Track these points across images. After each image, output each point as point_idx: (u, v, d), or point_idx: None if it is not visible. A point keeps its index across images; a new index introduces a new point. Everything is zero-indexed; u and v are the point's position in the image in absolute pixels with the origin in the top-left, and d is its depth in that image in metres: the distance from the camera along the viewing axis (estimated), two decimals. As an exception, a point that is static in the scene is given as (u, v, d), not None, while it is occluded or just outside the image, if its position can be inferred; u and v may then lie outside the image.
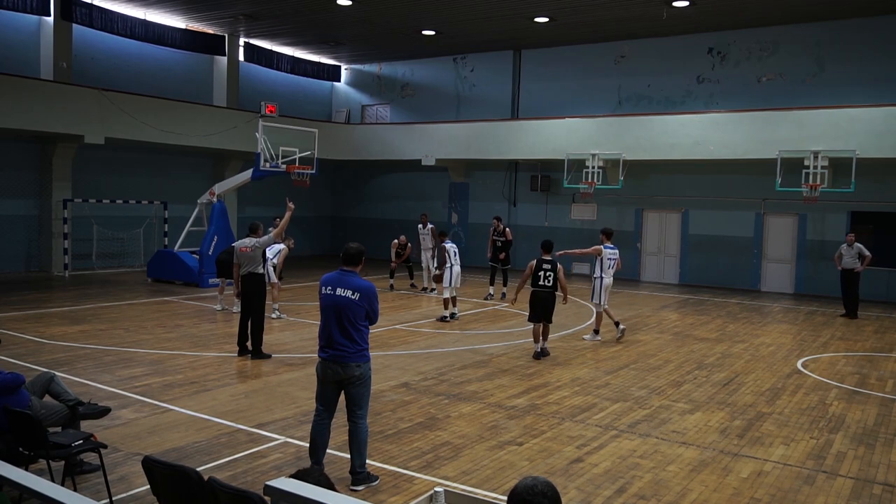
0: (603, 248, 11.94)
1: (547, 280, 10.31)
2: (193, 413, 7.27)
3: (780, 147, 17.13)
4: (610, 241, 12.14)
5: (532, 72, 22.97)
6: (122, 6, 19.68)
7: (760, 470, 6.14)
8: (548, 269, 10.32)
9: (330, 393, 5.65)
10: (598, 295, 11.81)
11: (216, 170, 22.02)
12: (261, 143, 16.16)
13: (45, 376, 5.84)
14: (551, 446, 6.59)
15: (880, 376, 9.83)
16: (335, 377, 5.55)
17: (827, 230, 18.47)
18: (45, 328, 11.34)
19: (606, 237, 12.15)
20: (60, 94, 17.26)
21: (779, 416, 7.76)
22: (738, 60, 19.64)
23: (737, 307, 16.28)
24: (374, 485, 5.54)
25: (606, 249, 11.95)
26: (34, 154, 18.47)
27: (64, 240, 18.21)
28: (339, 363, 5.50)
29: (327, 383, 5.62)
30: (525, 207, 23.01)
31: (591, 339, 11.80)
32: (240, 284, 10.03)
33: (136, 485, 5.32)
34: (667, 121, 19.13)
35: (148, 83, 20.43)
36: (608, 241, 12.11)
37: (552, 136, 20.63)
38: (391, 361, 9.79)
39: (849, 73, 18.09)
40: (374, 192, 26.16)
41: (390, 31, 21.16)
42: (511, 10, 18.44)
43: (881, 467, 6.31)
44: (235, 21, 20.85)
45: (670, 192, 20.44)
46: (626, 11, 18.11)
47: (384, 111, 26.16)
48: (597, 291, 11.84)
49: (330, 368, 5.54)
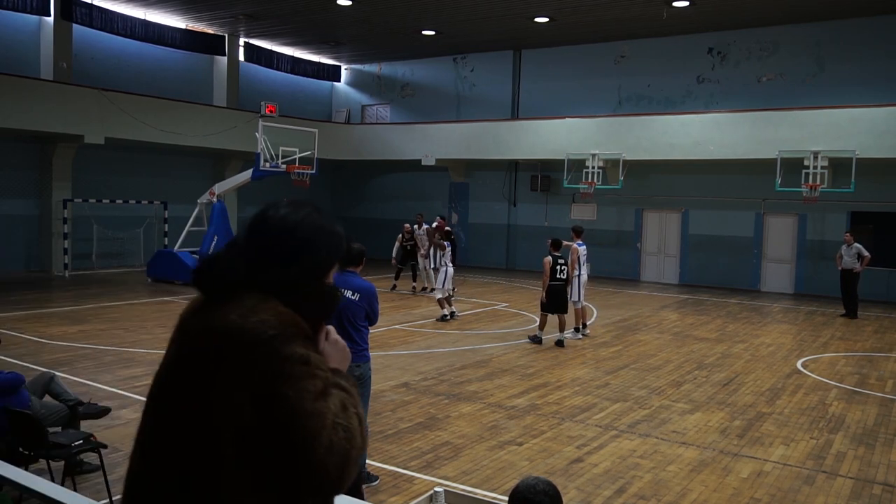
0: (576, 245, 12.02)
1: (562, 273, 11.26)
2: (193, 413, 7.26)
3: (780, 147, 17.13)
4: (580, 239, 12.24)
5: (532, 72, 22.97)
6: (122, 6, 19.68)
7: (760, 470, 6.14)
8: (562, 264, 11.29)
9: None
10: (577, 292, 11.89)
11: (216, 170, 22.01)
12: (261, 143, 16.16)
13: (45, 376, 5.84)
14: (551, 446, 6.59)
15: (880, 376, 9.83)
16: (335, 377, 5.55)
17: (827, 230, 18.47)
18: (45, 328, 11.34)
19: (577, 235, 12.28)
20: (60, 94, 17.26)
21: (779, 417, 7.76)
22: (738, 60, 19.64)
23: (737, 307, 16.28)
24: (373, 485, 5.54)
25: (580, 247, 12.03)
26: (34, 154, 18.47)
27: (64, 240, 18.21)
28: (339, 363, 5.50)
29: (327, 383, 5.61)
30: (525, 207, 23.01)
31: (574, 337, 11.81)
32: None
33: (136, 485, 5.31)
34: (667, 121, 19.13)
35: (148, 83, 20.42)
36: (578, 238, 12.22)
37: (552, 136, 20.63)
38: (391, 361, 9.79)
39: (849, 73, 18.09)
40: (374, 192, 26.16)
41: (390, 31, 21.16)
42: (511, 10, 18.44)
43: (881, 467, 6.31)
44: (235, 21, 20.85)
45: (670, 192, 20.44)
46: (626, 11, 18.11)
47: (384, 111, 26.17)
48: (575, 289, 11.88)
49: (330, 368, 5.54)
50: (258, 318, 1.52)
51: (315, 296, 1.66)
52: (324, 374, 1.55)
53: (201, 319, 1.59)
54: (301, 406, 1.46)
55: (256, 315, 1.53)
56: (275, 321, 1.53)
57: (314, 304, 1.65)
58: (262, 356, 1.48)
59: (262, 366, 1.48)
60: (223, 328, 1.52)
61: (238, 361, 1.49)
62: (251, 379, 1.47)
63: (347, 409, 1.56)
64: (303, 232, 1.67)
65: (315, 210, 1.73)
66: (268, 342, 1.49)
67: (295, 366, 1.50)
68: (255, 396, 1.46)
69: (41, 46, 18.58)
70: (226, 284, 1.60)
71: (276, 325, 1.52)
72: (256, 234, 1.68)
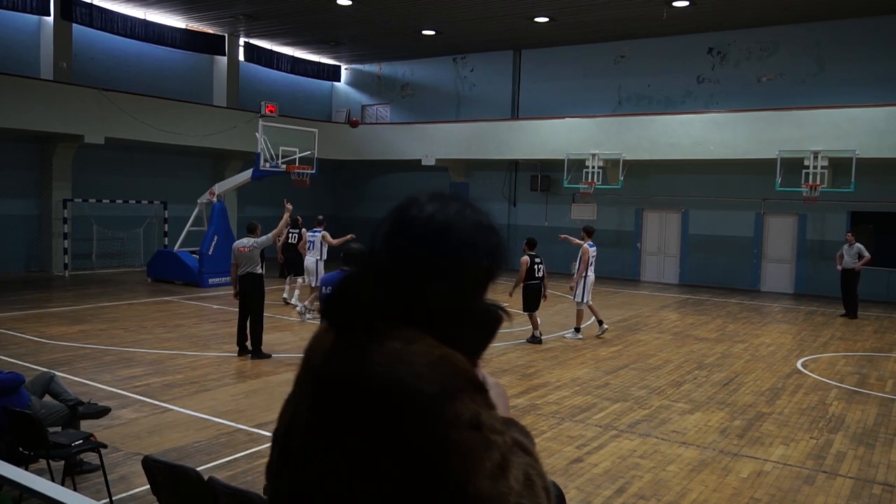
0: (587, 245, 11.98)
1: (539, 273, 11.42)
2: (193, 413, 7.27)
3: (780, 147, 17.13)
4: (591, 239, 12.20)
5: (532, 72, 22.97)
6: (122, 6, 19.68)
7: (760, 470, 6.14)
8: (539, 263, 11.45)
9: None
10: (583, 293, 11.86)
11: (216, 170, 22.01)
12: (261, 143, 16.16)
13: (45, 376, 5.84)
14: (551, 446, 6.59)
15: (880, 376, 9.83)
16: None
17: (827, 230, 18.47)
18: (45, 328, 11.34)
19: (588, 235, 12.22)
20: (60, 94, 17.26)
21: (779, 416, 7.76)
22: (738, 60, 19.64)
23: (737, 307, 16.28)
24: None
25: (591, 248, 12.01)
26: (34, 154, 18.47)
27: (64, 240, 18.21)
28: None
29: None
30: (525, 207, 23.01)
31: (573, 338, 11.80)
32: (237, 284, 9.98)
33: (136, 485, 5.32)
34: (667, 121, 19.13)
35: (148, 83, 20.42)
36: (589, 238, 12.17)
37: (552, 136, 20.64)
38: (391, 361, 9.77)
39: (849, 73, 18.09)
40: (374, 192, 26.15)
41: (390, 31, 21.16)
42: (511, 10, 18.44)
43: (881, 467, 6.31)
44: (235, 21, 20.85)
45: (670, 192, 20.44)
46: (626, 11, 18.11)
47: (384, 111, 26.17)
48: (580, 289, 11.86)
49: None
50: (412, 368, 1.15)
51: (475, 321, 1.29)
52: (500, 440, 1.16)
53: (337, 364, 1.23)
54: (476, 488, 1.10)
55: (408, 363, 1.16)
56: (433, 371, 1.15)
57: (474, 333, 1.28)
58: (419, 422, 1.12)
59: (421, 435, 1.11)
60: (366, 381, 1.16)
61: (387, 428, 1.13)
62: (405, 451, 1.12)
63: (533, 483, 1.18)
64: (459, 234, 1.26)
65: (467, 203, 1.33)
66: (427, 402, 1.13)
67: (464, 432, 1.12)
68: (411, 475, 1.11)
69: (41, 46, 18.58)
70: (363, 317, 1.23)
71: (436, 375, 1.15)
72: (398, 242, 1.27)
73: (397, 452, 1.12)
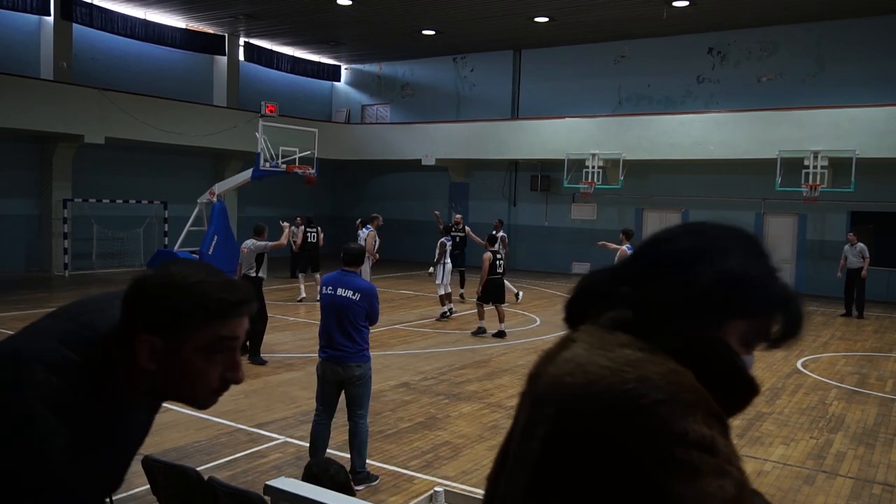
0: (625, 248, 11.81)
1: (500, 268, 12.12)
2: (193, 413, 7.27)
3: (780, 147, 17.13)
4: (629, 242, 12.01)
5: (532, 72, 22.97)
6: (122, 6, 19.68)
7: (760, 470, 6.14)
8: (500, 259, 12.20)
9: (330, 393, 5.65)
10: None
11: (216, 170, 22.01)
12: (261, 143, 16.15)
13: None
14: (551, 446, 6.58)
15: (880, 376, 9.83)
16: (335, 377, 5.56)
17: (827, 230, 18.47)
18: (45, 328, 11.32)
19: (627, 238, 12.09)
20: (60, 93, 17.26)
21: (778, 416, 7.76)
22: (738, 60, 19.64)
23: (737, 307, 16.25)
24: (374, 484, 5.55)
25: (629, 251, 11.85)
26: (34, 154, 18.47)
27: (64, 239, 18.21)
28: (340, 363, 5.51)
29: (327, 383, 5.62)
30: (525, 207, 23.01)
31: None
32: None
33: (136, 485, 5.31)
34: (667, 121, 19.13)
35: (148, 83, 20.42)
36: (628, 241, 12.01)
37: (552, 136, 20.64)
38: (391, 361, 9.79)
39: (849, 73, 18.08)
40: (374, 192, 26.15)
41: (390, 31, 21.16)
42: (511, 10, 18.45)
43: (881, 467, 6.31)
44: (235, 21, 20.86)
45: (670, 192, 20.44)
46: (626, 11, 18.11)
47: (384, 111, 26.17)
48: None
49: (330, 368, 5.55)
50: (639, 371, 1.01)
51: (721, 364, 1.09)
52: (738, 475, 0.99)
53: (549, 359, 1.13)
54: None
55: (635, 366, 1.02)
56: (663, 380, 1.00)
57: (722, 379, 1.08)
58: (637, 428, 0.97)
59: (638, 444, 0.96)
60: (572, 377, 1.05)
61: (596, 431, 0.99)
62: (616, 461, 0.98)
63: None
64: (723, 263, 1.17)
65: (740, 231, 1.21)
66: (649, 409, 0.97)
67: (692, 451, 0.96)
68: (620, 491, 0.97)
69: (41, 46, 18.58)
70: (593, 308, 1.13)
71: (665, 385, 1.00)
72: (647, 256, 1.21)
73: (606, 467, 0.99)
